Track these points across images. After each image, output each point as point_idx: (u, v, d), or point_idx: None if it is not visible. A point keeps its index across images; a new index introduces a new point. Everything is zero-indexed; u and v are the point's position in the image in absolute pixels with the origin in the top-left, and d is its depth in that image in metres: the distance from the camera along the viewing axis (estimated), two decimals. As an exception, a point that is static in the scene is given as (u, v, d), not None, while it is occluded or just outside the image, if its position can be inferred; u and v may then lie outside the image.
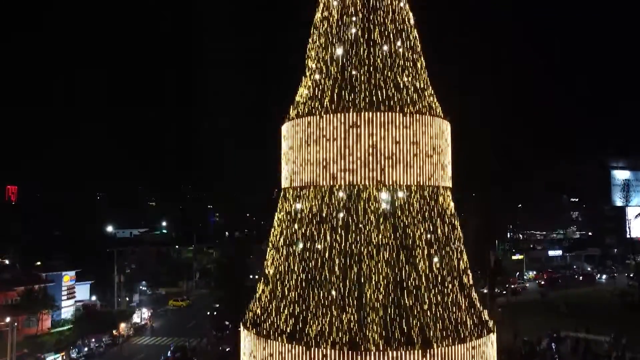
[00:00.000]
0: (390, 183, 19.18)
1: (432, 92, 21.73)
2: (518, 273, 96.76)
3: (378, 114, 19.33)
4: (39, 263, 68.17)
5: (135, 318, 64.76)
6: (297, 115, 20.80)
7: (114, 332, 58.44)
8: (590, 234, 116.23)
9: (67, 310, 63.51)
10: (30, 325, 57.95)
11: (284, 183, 21.71)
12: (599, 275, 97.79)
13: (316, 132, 19.65)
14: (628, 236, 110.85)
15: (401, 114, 19.46)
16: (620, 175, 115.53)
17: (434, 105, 21.12)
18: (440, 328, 18.52)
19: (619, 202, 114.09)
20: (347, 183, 19.19)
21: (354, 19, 21.12)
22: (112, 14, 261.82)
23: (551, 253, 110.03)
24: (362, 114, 19.31)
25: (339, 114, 19.43)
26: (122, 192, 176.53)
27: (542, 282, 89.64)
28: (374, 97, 19.82)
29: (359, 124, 19.22)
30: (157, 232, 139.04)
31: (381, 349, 17.57)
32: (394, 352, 17.50)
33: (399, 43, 20.90)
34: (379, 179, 19.06)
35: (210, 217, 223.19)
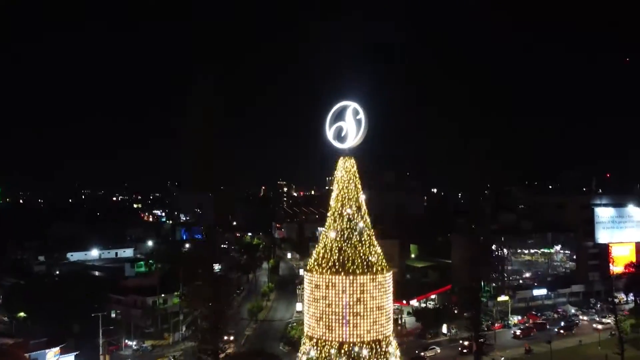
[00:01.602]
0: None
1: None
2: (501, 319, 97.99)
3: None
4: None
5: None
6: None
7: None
8: (574, 268, 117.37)
9: (51, 386, 62.66)
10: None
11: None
12: (582, 318, 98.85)
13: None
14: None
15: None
16: (604, 212, 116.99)
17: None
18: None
19: (602, 239, 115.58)
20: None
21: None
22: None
23: (536, 292, 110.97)
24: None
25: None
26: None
27: (521, 331, 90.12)
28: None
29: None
30: (140, 265, 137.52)
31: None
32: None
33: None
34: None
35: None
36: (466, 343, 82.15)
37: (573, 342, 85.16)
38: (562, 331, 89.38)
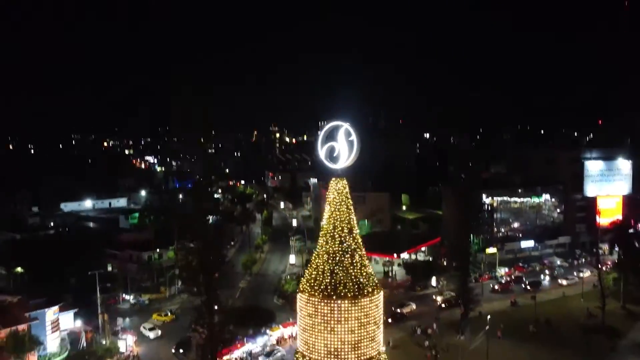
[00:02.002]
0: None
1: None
2: (489, 271, 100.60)
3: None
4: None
5: (121, 347, 66.30)
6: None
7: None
8: (562, 220, 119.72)
9: (53, 342, 64.50)
10: (17, 364, 59.13)
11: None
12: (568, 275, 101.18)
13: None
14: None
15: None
16: (593, 166, 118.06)
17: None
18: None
19: (590, 192, 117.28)
20: None
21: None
22: None
23: (524, 244, 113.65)
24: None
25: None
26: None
27: (500, 285, 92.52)
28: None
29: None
30: (134, 217, 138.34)
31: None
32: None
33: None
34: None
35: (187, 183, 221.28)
36: (439, 299, 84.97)
37: (557, 295, 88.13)
38: (528, 287, 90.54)
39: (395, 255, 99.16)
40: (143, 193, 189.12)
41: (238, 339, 66.38)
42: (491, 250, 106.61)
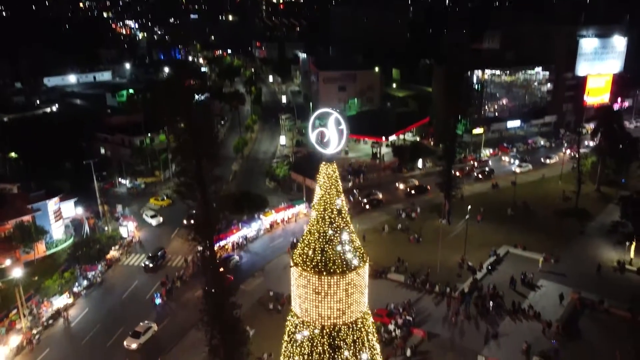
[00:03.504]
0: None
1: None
2: (474, 153, 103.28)
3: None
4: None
5: (122, 233, 70.29)
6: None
7: (107, 256, 64.63)
8: (550, 99, 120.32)
9: (57, 230, 68.18)
10: (27, 252, 63.24)
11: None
12: (553, 151, 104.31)
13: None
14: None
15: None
16: (588, 44, 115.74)
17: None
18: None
19: (582, 71, 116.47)
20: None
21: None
22: None
23: (510, 124, 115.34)
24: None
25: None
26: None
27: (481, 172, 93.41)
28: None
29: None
30: (122, 95, 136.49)
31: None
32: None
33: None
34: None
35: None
36: (401, 186, 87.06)
37: (537, 177, 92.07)
38: (479, 176, 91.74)
39: (383, 138, 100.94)
40: (128, 67, 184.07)
41: (233, 224, 70.37)
42: (478, 130, 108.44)
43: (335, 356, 23.53)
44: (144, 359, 48.03)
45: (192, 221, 66.95)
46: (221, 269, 39.23)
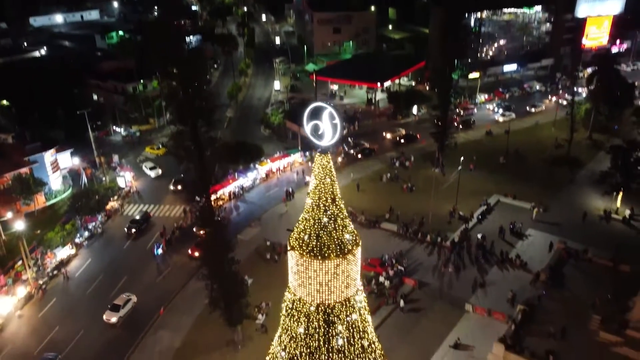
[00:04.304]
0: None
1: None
2: (469, 98, 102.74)
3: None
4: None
5: (120, 183, 71.07)
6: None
7: (107, 207, 65.79)
8: (547, 41, 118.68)
9: (55, 181, 68.91)
10: (27, 204, 64.31)
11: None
12: (546, 96, 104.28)
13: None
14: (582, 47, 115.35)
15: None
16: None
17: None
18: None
19: (582, 12, 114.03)
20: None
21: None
22: None
23: (506, 68, 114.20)
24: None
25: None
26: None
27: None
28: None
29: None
30: (111, 36, 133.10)
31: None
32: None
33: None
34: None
35: None
36: (388, 136, 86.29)
37: (531, 123, 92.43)
38: (460, 126, 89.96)
39: (378, 84, 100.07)
40: (115, 5, 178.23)
41: (230, 174, 71.22)
42: (474, 75, 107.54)
43: (330, 330, 25.21)
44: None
45: (179, 186, 67.63)
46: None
